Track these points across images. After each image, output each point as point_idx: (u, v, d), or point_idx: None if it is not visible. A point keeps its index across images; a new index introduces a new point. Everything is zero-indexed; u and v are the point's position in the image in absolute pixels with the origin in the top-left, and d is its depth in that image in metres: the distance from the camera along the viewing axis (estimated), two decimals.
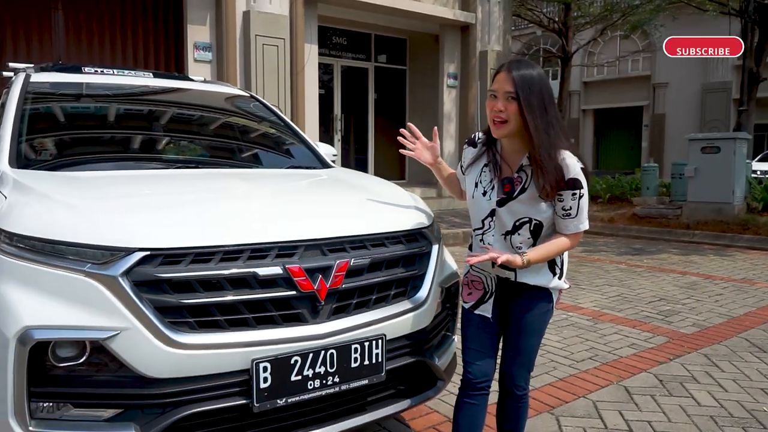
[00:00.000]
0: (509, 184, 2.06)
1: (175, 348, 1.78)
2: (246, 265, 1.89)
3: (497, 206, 2.07)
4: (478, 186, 2.13)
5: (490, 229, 2.10)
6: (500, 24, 12.84)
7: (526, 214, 2.04)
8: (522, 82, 1.93)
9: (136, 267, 1.78)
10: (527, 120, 1.94)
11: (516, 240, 2.07)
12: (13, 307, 1.78)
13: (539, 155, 1.95)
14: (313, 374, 1.96)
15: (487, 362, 2.20)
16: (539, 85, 1.96)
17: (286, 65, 9.60)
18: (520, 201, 2.03)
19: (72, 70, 3.59)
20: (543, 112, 1.95)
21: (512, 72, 1.95)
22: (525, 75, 1.94)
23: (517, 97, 1.93)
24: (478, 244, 2.14)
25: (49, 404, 1.79)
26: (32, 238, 1.87)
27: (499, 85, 1.98)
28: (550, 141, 1.96)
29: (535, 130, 1.94)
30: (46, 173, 2.54)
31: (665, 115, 24.78)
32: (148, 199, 2.24)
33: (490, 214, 2.09)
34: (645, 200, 11.25)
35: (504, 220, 2.07)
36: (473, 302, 2.21)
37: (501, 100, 1.97)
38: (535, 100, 1.94)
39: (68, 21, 8.75)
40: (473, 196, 2.14)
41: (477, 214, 2.13)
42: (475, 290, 2.21)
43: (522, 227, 2.06)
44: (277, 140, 3.76)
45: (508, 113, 1.96)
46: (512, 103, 1.95)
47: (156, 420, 1.79)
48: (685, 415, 3.06)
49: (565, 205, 2.02)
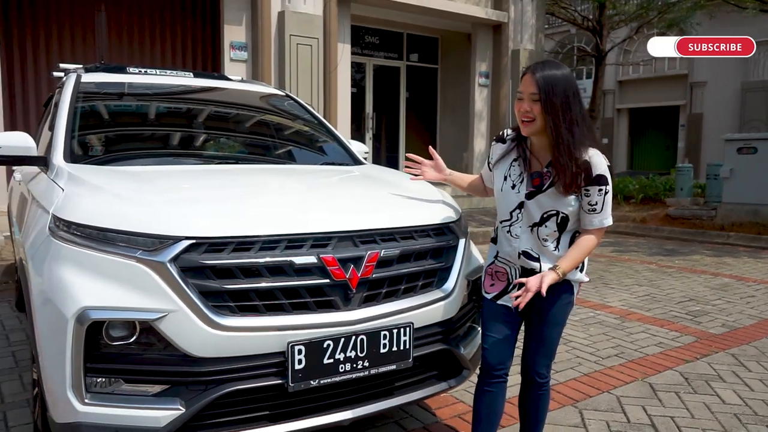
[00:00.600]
0: (538, 178, 2.15)
1: (218, 330, 1.92)
2: (283, 254, 2.02)
3: (526, 199, 2.16)
4: (507, 179, 2.22)
5: (517, 221, 2.19)
6: (533, 23, 12.80)
7: (554, 207, 2.13)
8: (545, 84, 2.03)
9: (183, 254, 1.93)
10: (548, 119, 2.04)
11: (543, 232, 2.16)
12: (71, 289, 1.94)
13: (558, 153, 2.05)
14: (344, 358, 2.08)
15: (505, 350, 2.29)
16: (563, 86, 2.04)
17: (320, 64, 9.77)
18: (548, 194, 2.12)
19: (118, 70, 3.78)
20: (567, 111, 2.04)
21: (536, 74, 2.05)
22: (548, 76, 2.04)
23: (539, 98, 2.03)
24: (505, 235, 2.24)
25: (103, 379, 1.94)
26: (88, 227, 2.03)
27: (524, 87, 2.09)
28: (573, 139, 2.05)
29: (556, 128, 2.03)
30: (97, 167, 2.72)
31: (703, 115, 24.27)
32: (193, 192, 2.39)
33: (518, 206, 2.18)
34: (678, 201, 11.11)
35: (532, 212, 2.16)
36: (496, 293, 2.30)
37: (527, 101, 2.07)
38: (557, 100, 2.03)
39: (110, 21, 9.04)
40: (502, 189, 2.23)
41: (505, 206, 2.22)
42: (498, 281, 2.29)
43: (549, 219, 2.15)
44: (312, 138, 3.90)
45: (534, 113, 2.06)
46: (537, 104, 2.05)
47: (199, 396, 1.93)
48: (709, 411, 3.10)
49: (591, 200, 2.11)
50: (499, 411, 2.36)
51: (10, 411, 2.99)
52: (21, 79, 8.44)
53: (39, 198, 2.55)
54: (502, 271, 2.29)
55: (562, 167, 2.06)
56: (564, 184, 2.07)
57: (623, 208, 11.73)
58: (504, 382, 2.33)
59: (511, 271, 2.26)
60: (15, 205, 4.00)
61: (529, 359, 2.36)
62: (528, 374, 2.37)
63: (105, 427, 1.92)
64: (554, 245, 2.18)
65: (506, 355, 2.30)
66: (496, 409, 2.34)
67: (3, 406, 3.06)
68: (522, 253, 2.19)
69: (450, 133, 13.43)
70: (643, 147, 27.79)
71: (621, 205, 12.05)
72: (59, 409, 1.96)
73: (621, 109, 27.48)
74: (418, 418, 2.98)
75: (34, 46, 8.54)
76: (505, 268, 2.28)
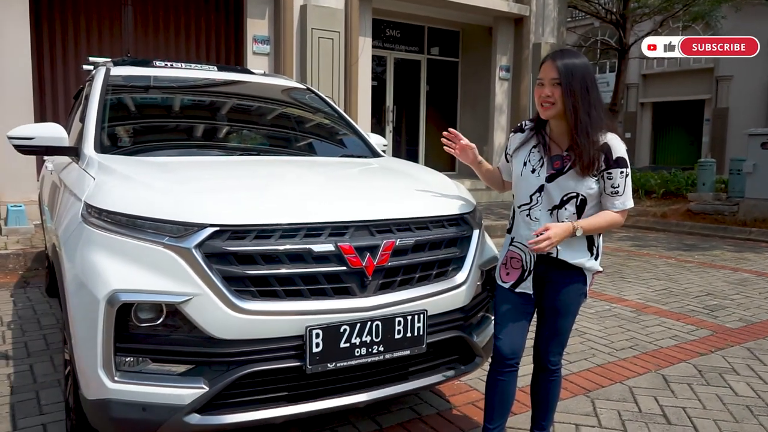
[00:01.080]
0: (559, 161, 2.23)
1: (240, 313, 2.01)
2: (302, 242, 2.11)
3: (546, 182, 2.23)
4: (526, 165, 2.29)
5: (537, 203, 2.25)
6: (555, 16, 12.73)
7: (574, 189, 2.20)
8: (565, 69, 2.14)
9: (207, 241, 2.03)
10: (569, 102, 2.13)
11: (562, 215, 2.23)
12: (102, 272, 2.05)
13: (577, 134, 2.15)
14: (360, 342, 2.17)
15: (518, 341, 2.36)
16: (582, 72, 2.16)
17: (341, 58, 9.85)
18: (569, 176, 2.20)
19: (145, 63, 3.90)
20: (585, 95, 2.15)
21: (556, 60, 2.16)
22: (568, 63, 2.15)
23: (560, 82, 2.13)
24: (524, 219, 2.29)
25: (131, 359, 2.05)
26: (118, 214, 2.14)
27: (545, 73, 2.19)
28: (590, 122, 2.15)
29: (575, 111, 2.14)
30: (125, 158, 2.84)
31: (728, 110, 23.88)
32: (217, 182, 2.49)
33: (538, 189, 2.25)
34: (700, 196, 11.01)
35: (552, 194, 2.23)
36: (513, 281, 2.35)
37: (547, 86, 2.18)
38: (577, 84, 2.14)
39: (137, 15, 9.22)
40: (521, 174, 2.30)
41: (525, 190, 2.28)
42: (512, 269, 2.35)
43: (569, 202, 2.22)
44: (332, 130, 3.98)
45: (555, 97, 2.16)
46: (557, 88, 2.16)
47: (222, 376, 2.03)
48: (721, 403, 3.13)
49: (614, 182, 2.20)
50: (510, 399, 2.43)
51: (42, 390, 3.14)
52: (50, 71, 8.65)
53: (71, 186, 2.68)
54: (517, 257, 2.33)
55: (580, 148, 2.15)
56: (582, 165, 2.15)
57: (644, 203, 11.66)
58: (516, 370, 2.40)
59: (526, 257, 2.31)
60: (46, 194, 4.15)
61: (541, 348, 2.43)
62: (540, 362, 2.45)
63: (133, 403, 2.02)
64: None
65: (519, 345, 2.37)
66: (508, 397, 2.42)
67: (35, 385, 3.20)
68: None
69: (470, 127, 13.42)
70: (667, 142, 27.43)
71: (642, 199, 11.96)
72: (90, 386, 2.08)
73: (644, 103, 27.14)
74: (433, 404, 3.06)
75: (63, 39, 8.75)
76: (519, 254, 2.33)
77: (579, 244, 2.26)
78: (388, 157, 3.62)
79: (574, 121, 2.16)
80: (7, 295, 5.07)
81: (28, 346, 3.80)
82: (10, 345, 3.82)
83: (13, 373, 3.36)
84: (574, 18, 23.46)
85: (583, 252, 2.28)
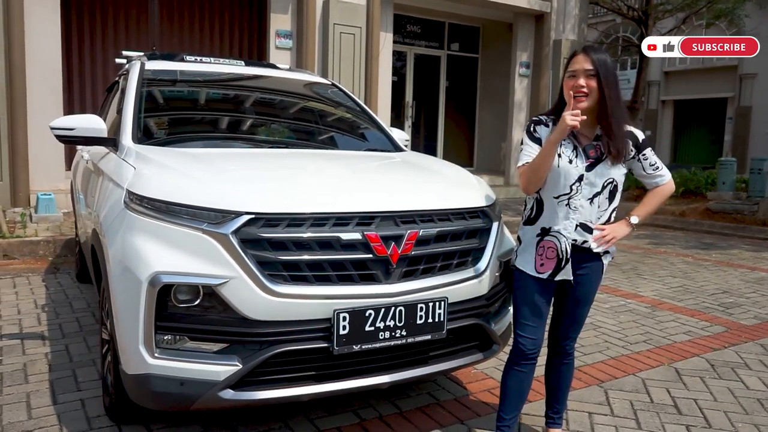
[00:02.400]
0: (593, 150, 2.33)
1: (272, 296, 2.15)
2: (331, 230, 2.24)
3: (586, 171, 2.32)
4: (561, 156, 2.32)
5: (578, 193, 2.31)
6: (576, 12, 12.71)
7: (612, 175, 2.33)
8: (600, 62, 2.27)
9: (243, 227, 2.16)
10: (606, 92, 2.25)
11: (601, 200, 2.34)
12: (144, 255, 2.19)
13: (612, 122, 2.26)
14: (384, 326, 2.29)
15: (540, 335, 2.44)
16: (612, 66, 2.31)
17: (362, 53, 9.95)
18: (606, 163, 2.31)
19: (176, 58, 4.04)
20: (615, 87, 2.29)
21: (590, 54, 2.29)
22: (600, 57, 2.29)
23: (596, 73, 2.25)
24: (563, 209, 2.32)
25: (170, 337, 2.19)
26: (159, 201, 2.28)
27: (579, 65, 2.29)
28: (619, 112, 2.29)
29: (610, 100, 2.26)
30: (161, 148, 2.98)
31: (752, 108, 23.60)
32: (251, 173, 2.63)
33: (578, 179, 2.31)
34: (720, 195, 10.97)
35: (594, 182, 2.32)
36: (549, 272, 2.36)
37: (581, 78, 2.27)
38: (611, 77, 2.27)
39: (162, 9, 9.39)
40: (558, 165, 2.30)
41: (564, 180, 2.31)
42: (546, 260, 2.36)
43: (607, 187, 2.34)
44: (356, 125, 4.10)
45: (589, 88, 2.26)
46: (592, 80, 2.26)
47: (254, 354, 2.17)
48: (732, 396, 3.21)
49: (651, 161, 2.40)
50: (527, 390, 2.52)
51: (78, 369, 3.30)
52: (78, 64, 8.86)
53: (111, 174, 2.83)
54: (553, 247, 2.34)
55: (616, 137, 2.27)
56: (618, 151, 2.28)
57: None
58: (535, 363, 2.48)
59: (561, 246, 2.33)
60: (80, 182, 4.32)
61: (560, 335, 2.54)
62: (557, 347, 2.56)
63: (172, 378, 2.17)
64: (609, 216, 2.38)
65: (540, 339, 2.45)
66: (525, 389, 2.51)
67: (72, 364, 3.37)
68: (580, 225, 2.32)
69: (489, 123, 13.47)
70: (688, 140, 27.18)
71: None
72: (131, 362, 2.23)
73: (666, 100, 26.89)
74: (450, 390, 3.17)
75: (90, 32, 8.95)
76: (555, 243, 2.34)
77: None
78: (410, 152, 3.74)
79: (609, 111, 2.26)
80: (39, 279, 5.27)
81: (62, 328, 3.98)
82: (46, 326, 4.00)
83: (50, 353, 3.53)
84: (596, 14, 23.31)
85: None
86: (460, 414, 2.92)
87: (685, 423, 2.89)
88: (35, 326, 4.00)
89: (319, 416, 2.82)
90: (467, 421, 2.85)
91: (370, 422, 2.79)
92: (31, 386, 3.07)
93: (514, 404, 2.51)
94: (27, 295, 4.75)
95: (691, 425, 2.87)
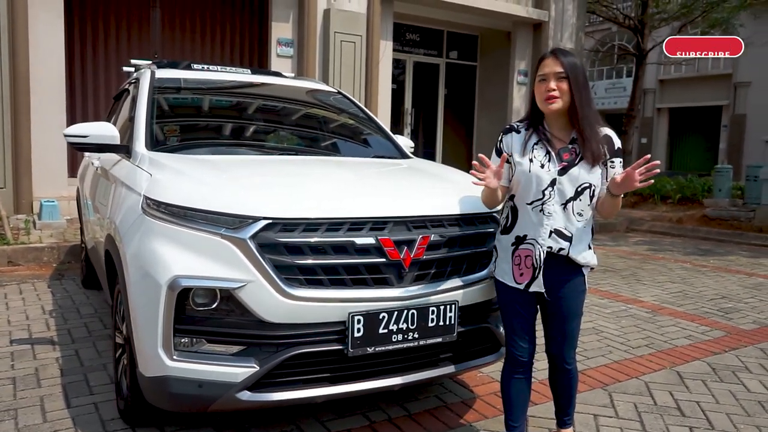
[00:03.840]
0: (567, 153, 2.31)
1: (289, 299, 2.20)
2: (346, 235, 2.30)
3: (558, 175, 2.27)
4: (533, 161, 2.30)
5: (550, 198, 2.28)
6: (573, 21, 12.84)
7: (587, 179, 2.28)
8: (569, 64, 2.27)
9: (261, 232, 2.21)
10: (575, 95, 2.25)
11: (577, 206, 2.28)
12: (164, 260, 2.24)
13: (583, 126, 2.26)
14: (397, 329, 2.35)
15: (531, 341, 2.44)
16: (581, 68, 2.31)
17: (362, 61, 10.04)
18: (581, 167, 2.28)
19: (183, 66, 4.11)
20: (586, 90, 2.29)
21: (559, 57, 2.29)
22: (570, 59, 2.29)
23: (567, 76, 2.25)
24: (537, 215, 2.29)
25: (188, 339, 2.24)
26: (178, 206, 2.33)
27: (548, 68, 2.29)
28: (591, 113, 2.29)
29: (581, 103, 2.26)
30: (175, 155, 3.04)
31: (746, 116, 23.82)
32: (266, 179, 2.69)
33: (550, 183, 2.28)
34: (716, 202, 11.07)
35: (566, 187, 2.27)
36: (528, 281, 2.34)
37: (552, 81, 2.27)
38: (580, 78, 2.28)
39: (164, 18, 9.46)
40: (529, 170, 2.29)
41: (536, 186, 2.28)
42: (525, 268, 2.34)
43: (583, 193, 2.29)
44: (363, 132, 4.17)
45: (560, 91, 2.26)
46: (562, 82, 2.26)
47: (271, 356, 2.22)
48: (734, 398, 3.27)
49: (616, 171, 2.31)
50: (528, 393, 2.53)
51: (90, 373, 3.34)
52: (81, 71, 8.90)
53: (125, 181, 2.88)
54: (530, 254, 2.32)
55: (588, 138, 2.26)
56: (592, 154, 2.25)
57: (660, 208, 11.75)
58: (531, 368, 2.49)
59: (536, 253, 2.30)
60: (88, 189, 4.37)
61: (555, 352, 2.49)
62: (556, 363, 2.52)
63: (190, 380, 2.22)
64: (583, 222, 2.31)
65: (532, 345, 2.45)
66: (527, 392, 2.52)
67: (83, 368, 3.41)
68: (554, 231, 2.28)
69: (487, 131, 13.56)
70: (683, 147, 27.38)
71: (658, 204, 12.05)
72: (150, 365, 2.27)
73: (661, 108, 27.11)
74: (457, 393, 3.23)
75: (93, 40, 9.00)
76: (531, 251, 2.32)
77: (585, 240, 2.34)
78: (416, 159, 3.80)
79: (580, 113, 2.25)
80: (44, 286, 5.30)
81: (71, 333, 4.01)
82: (55, 332, 4.04)
83: (60, 357, 3.57)
84: (592, 23, 23.50)
85: (586, 248, 2.35)
86: (467, 416, 2.97)
87: (688, 425, 2.95)
88: (44, 331, 4.03)
89: (330, 419, 2.86)
90: (474, 423, 2.90)
91: (379, 424, 2.84)
92: (44, 390, 3.10)
93: (520, 410, 2.52)
94: (34, 300, 4.78)
95: (695, 427, 2.93)
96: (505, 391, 2.52)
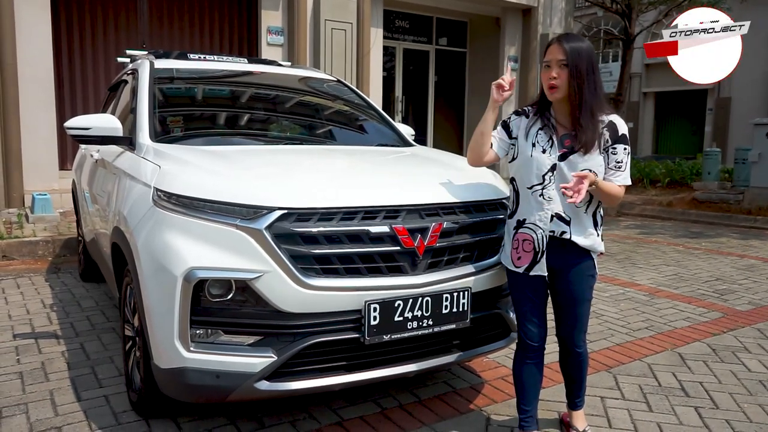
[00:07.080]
0: (569, 140, 2.34)
1: (305, 288, 2.21)
2: (360, 224, 2.30)
3: (559, 160, 2.32)
4: (536, 146, 2.35)
5: (550, 183, 2.32)
6: (562, 6, 12.85)
7: (586, 166, 2.29)
8: (572, 51, 2.27)
9: (276, 222, 2.21)
10: (573, 82, 2.26)
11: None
12: (179, 251, 2.23)
13: (580, 113, 2.27)
14: (412, 316, 2.36)
15: (542, 325, 2.48)
16: (587, 54, 2.29)
17: (353, 48, 9.99)
18: (580, 154, 2.30)
19: (180, 56, 4.07)
20: (590, 76, 2.28)
21: (563, 43, 2.29)
22: (574, 45, 2.29)
23: (567, 63, 2.26)
24: (537, 200, 2.34)
25: (205, 330, 2.25)
26: (191, 197, 2.31)
27: (552, 55, 2.31)
28: (595, 101, 2.28)
29: (580, 91, 2.26)
30: (179, 146, 3.02)
31: (731, 99, 24.01)
32: (276, 168, 2.68)
33: (551, 168, 2.32)
34: (705, 185, 11.19)
35: (565, 173, 2.30)
36: (526, 265, 2.39)
37: (554, 68, 2.29)
38: (583, 66, 2.27)
39: (152, 7, 9.34)
40: (531, 155, 2.34)
41: (537, 170, 2.33)
42: (524, 252, 2.38)
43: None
44: (366, 120, 4.15)
45: (561, 79, 2.28)
46: (564, 70, 2.28)
47: (288, 346, 2.23)
48: (735, 378, 3.33)
49: (618, 157, 2.33)
50: (540, 378, 2.57)
51: (97, 366, 3.33)
52: (68, 62, 8.77)
53: (131, 172, 2.85)
54: (529, 239, 2.36)
55: (583, 126, 2.27)
56: (584, 142, 2.26)
57: (649, 192, 11.84)
58: (543, 351, 2.53)
59: (538, 238, 2.34)
60: (86, 181, 4.32)
61: (566, 336, 2.53)
62: (567, 346, 2.56)
63: (207, 371, 2.22)
64: (585, 207, 2.34)
65: (543, 329, 2.49)
66: (538, 378, 2.56)
67: (90, 362, 3.40)
68: (555, 215, 2.33)
69: (478, 117, 13.43)
70: (669, 131, 27.56)
71: (647, 188, 12.14)
72: (165, 356, 2.27)
73: (647, 92, 27.23)
74: (465, 379, 3.26)
75: (80, 31, 8.86)
76: (531, 235, 2.36)
77: (587, 224, 2.36)
78: (419, 146, 3.80)
79: (578, 101, 2.26)
80: (41, 280, 5.26)
81: (74, 326, 3.99)
82: (58, 326, 4.02)
83: (66, 351, 3.55)
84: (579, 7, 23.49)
85: (591, 232, 2.38)
86: (477, 401, 3.00)
87: (693, 405, 3.00)
88: (47, 325, 4.01)
89: (341, 406, 2.88)
90: (485, 407, 2.94)
91: (391, 411, 2.87)
92: (53, 384, 3.10)
93: (533, 394, 2.55)
94: (33, 295, 4.74)
95: (700, 407, 2.99)
96: (518, 375, 2.56)
